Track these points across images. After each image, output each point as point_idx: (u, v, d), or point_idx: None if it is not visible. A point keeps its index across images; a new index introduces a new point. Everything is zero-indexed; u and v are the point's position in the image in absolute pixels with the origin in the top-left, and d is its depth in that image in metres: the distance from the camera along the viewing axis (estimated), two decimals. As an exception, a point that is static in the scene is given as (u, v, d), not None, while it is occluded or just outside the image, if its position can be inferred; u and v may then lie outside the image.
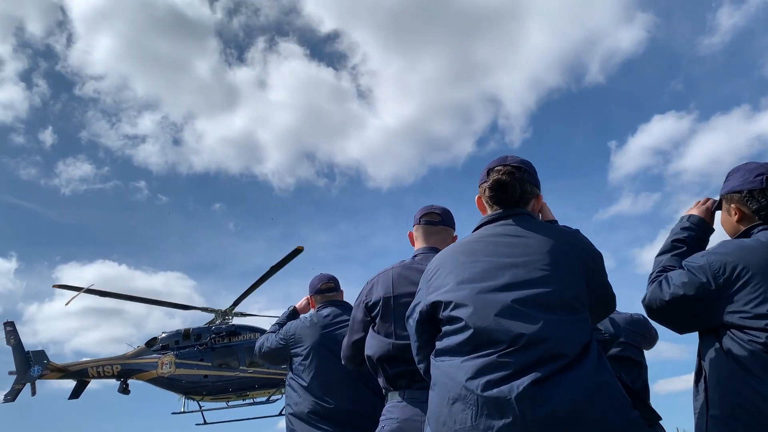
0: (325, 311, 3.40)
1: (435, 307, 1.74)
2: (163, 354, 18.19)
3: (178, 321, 16.81)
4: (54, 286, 18.83)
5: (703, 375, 1.90)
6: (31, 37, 38.60)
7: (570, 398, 1.45)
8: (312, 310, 3.56)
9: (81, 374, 18.55)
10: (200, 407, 18.18)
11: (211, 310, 19.00)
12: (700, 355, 1.94)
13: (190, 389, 17.82)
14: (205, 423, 18.23)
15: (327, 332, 3.27)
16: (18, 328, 18.97)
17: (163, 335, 18.65)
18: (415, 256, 2.47)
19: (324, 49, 43.76)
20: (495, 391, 1.48)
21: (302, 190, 40.86)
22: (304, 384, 3.18)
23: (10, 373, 18.73)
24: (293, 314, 3.78)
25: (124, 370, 18.32)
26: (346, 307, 3.42)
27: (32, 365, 17.93)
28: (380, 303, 2.32)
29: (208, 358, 17.88)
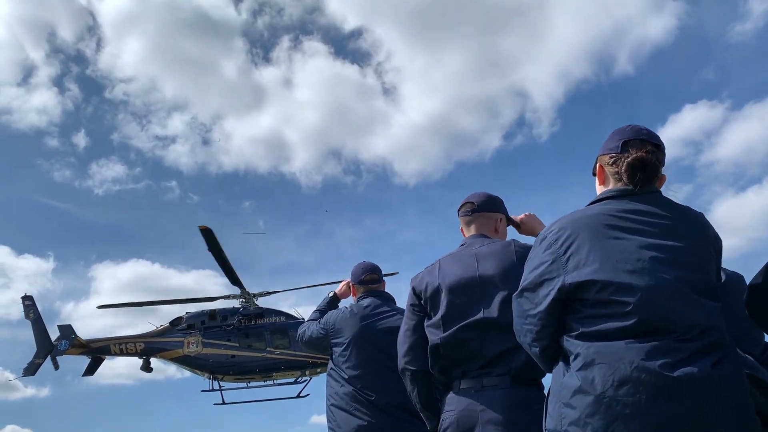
0: (365, 302, 3.39)
1: (583, 286, 1.63)
2: (188, 333, 18.45)
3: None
4: (98, 307, 19.30)
5: None
6: (63, 42, 38.92)
7: (737, 381, 1.51)
8: (352, 300, 3.59)
9: (102, 351, 18.59)
10: (220, 387, 18.50)
11: (234, 297, 19.29)
12: None
13: (217, 369, 18.13)
14: (224, 403, 18.60)
15: (367, 323, 3.27)
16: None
17: (188, 315, 18.89)
18: (462, 245, 2.52)
19: (348, 47, 44.72)
20: (676, 373, 1.44)
21: (329, 188, 41.81)
22: (345, 375, 3.20)
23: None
24: (333, 301, 3.80)
25: (147, 348, 18.46)
26: (387, 298, 3.45)
27: (60, 339, 17.87)
28: (428, 292, 2.35)
29: (235, 339, 18.28)
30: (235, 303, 19.24)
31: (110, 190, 38.69)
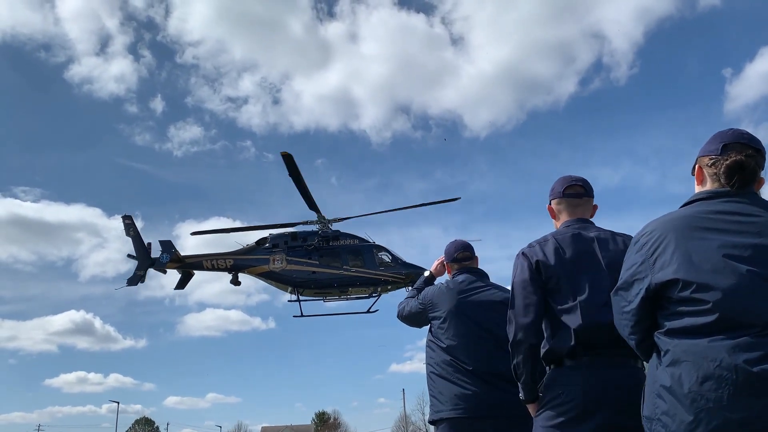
0: (460, 278, 3.60)
1: (667, 285, 1.72)
2: (273, 252, 20.49)
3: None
4: (192, 233, 21.32)
5: None
6: (134, 9, 40.17)
7: None
8: (447, 277, 3.80)
9: (196, 266, 20.74)
10: (299, 299, 20.60)
11: (311, 222, 21.20)
12: None
13: (299, 283, 20.27)
14: (302, 315, 20.77)
15: (462, 297, 3.45)
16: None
17: (272, 235, 20.89)
18: (569, 226, 2.53)
19: (412, -6, 43.97)
20: (756, 369, 1.49)
21: (398, 143, 42.67)
22: (443, 345, 3.41)
23: (129, 256, 20.75)
24: (429, 279, 4.04)
25: (236, 264, 20.57)
26: (481, 274, 3.63)
27: (162, 253, 20.02)
28: (554, 274, 2.37)
29: (315, 257, 20.34)
30: (313, 228, 21.21)
31: (188, 152, 40.61)
